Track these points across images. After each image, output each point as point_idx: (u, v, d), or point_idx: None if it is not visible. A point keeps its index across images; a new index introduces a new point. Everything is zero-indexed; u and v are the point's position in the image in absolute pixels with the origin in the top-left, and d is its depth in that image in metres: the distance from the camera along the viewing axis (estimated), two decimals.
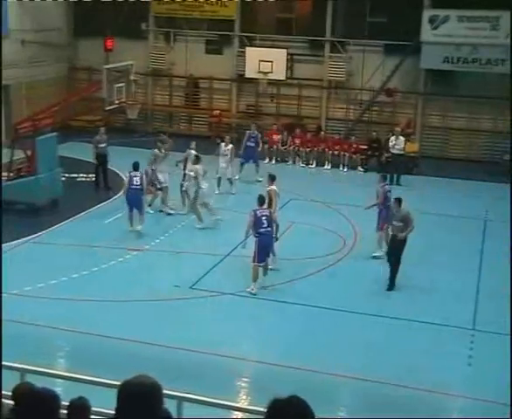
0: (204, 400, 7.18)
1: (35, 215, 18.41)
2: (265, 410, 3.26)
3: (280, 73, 26.71)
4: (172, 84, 29.92)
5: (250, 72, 27.01)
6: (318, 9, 27.62)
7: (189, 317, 13.14)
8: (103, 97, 21.62)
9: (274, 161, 25.74)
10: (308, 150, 25.66)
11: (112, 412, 3.48)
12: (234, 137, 27.91)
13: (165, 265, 15.87)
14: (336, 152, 25.30)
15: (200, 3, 28.34)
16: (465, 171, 23.90)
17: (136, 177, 17.44)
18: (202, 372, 10.99)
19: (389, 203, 15.71)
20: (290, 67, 27.42)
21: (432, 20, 25.40)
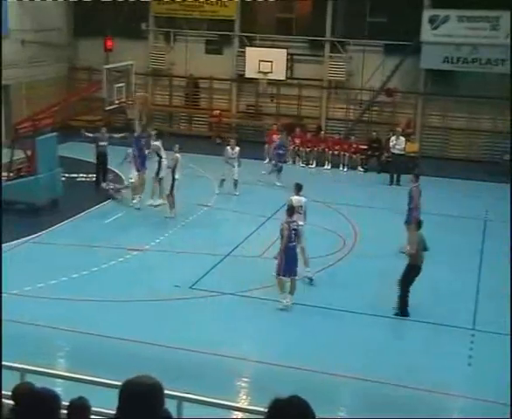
0: (204, 400, 7.18)
1: (35, 215, 18.40)
2: (265, 410, 3.26)
3: (280, 73, 26.71)
4: (172, 84, 29.92)
5: (250, 72, 27.01)
6: (318, 9, 27.63)
7: (189, 317, 13.13)
8: (103, 97, 21.58)
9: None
10: (308, 150, 25.66)
11: (112, 412, 3.48)
12: (235, 137, 27.97)
13: (165, 265, 15.86)
14: (336, 152, 25.30)
15: (200, 3, 28.35)
16: (465, 171, 23.89)
17: None
18: (202, 372, 10.99)
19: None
20: (290, 67, 27.43)
21: (432, 20, 25.40)
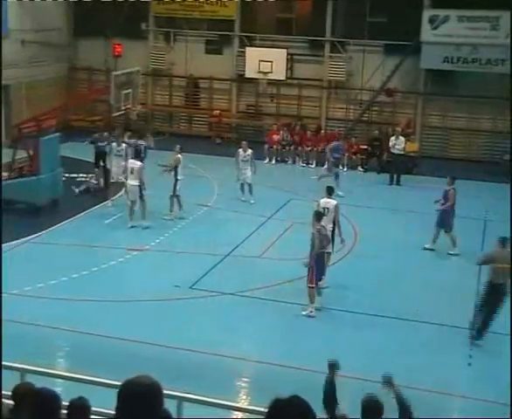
0: (204, 400, 7.18)
1: (35, 215, 18.39)
2: (265, 410, 3.26)
3: (280, 73, 26.71)
4: (172, 84, 29.90)
5: (250, 72, 27.01)
6: (318, 9, 27.62)
7: (189, 317, 13.12)
8: (110, 102, 21.56)
9: (274, 161, 25.76)
10: (309, 150, 25.66)
11: (112, 412, 3.47)
12: (234, 137, 28.01)
13: (165, 265, 15.84)
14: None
15: (200, 3, 28.34)
16: (465, 171, 23.84)
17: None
18: (202, 372, 10.99)
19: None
20: (290, 67, 27.42)
21: (432, 20, 25.40)
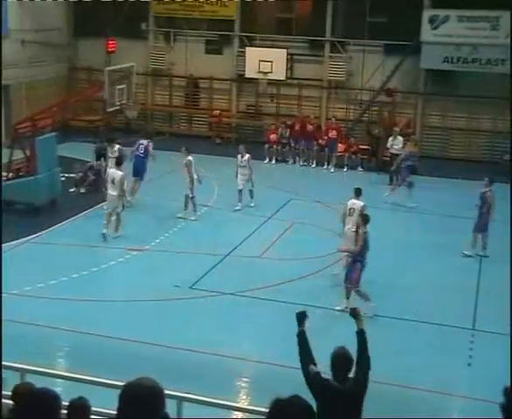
0: (204, 400, 7.18)
1: (35, 215, 18.38)
2: (265, 410, 3.26)
3: (280, 73, 26.70)
4: (172, 84, 29.88)
5: (250, 72, 27.00)
6: (318, 9, 27.61)
7: (189, 317, 13.12)
8: (104, 98, 21.55)
9: (274, 161, 25.75)
10: (309, 150, 25.67)
11: (112, 412, 3.47)
12: (234, 137, 28.01)
13: (165, 265, 15.83)
14: (339, 153, 25.27)
15: (200, 3, 28.33)
16: (465, 171, 23.87)
17: None
18: (202, 372, 10.99)
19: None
20: (290, 67, 27.41)
21: (432, 20, 25.39)
